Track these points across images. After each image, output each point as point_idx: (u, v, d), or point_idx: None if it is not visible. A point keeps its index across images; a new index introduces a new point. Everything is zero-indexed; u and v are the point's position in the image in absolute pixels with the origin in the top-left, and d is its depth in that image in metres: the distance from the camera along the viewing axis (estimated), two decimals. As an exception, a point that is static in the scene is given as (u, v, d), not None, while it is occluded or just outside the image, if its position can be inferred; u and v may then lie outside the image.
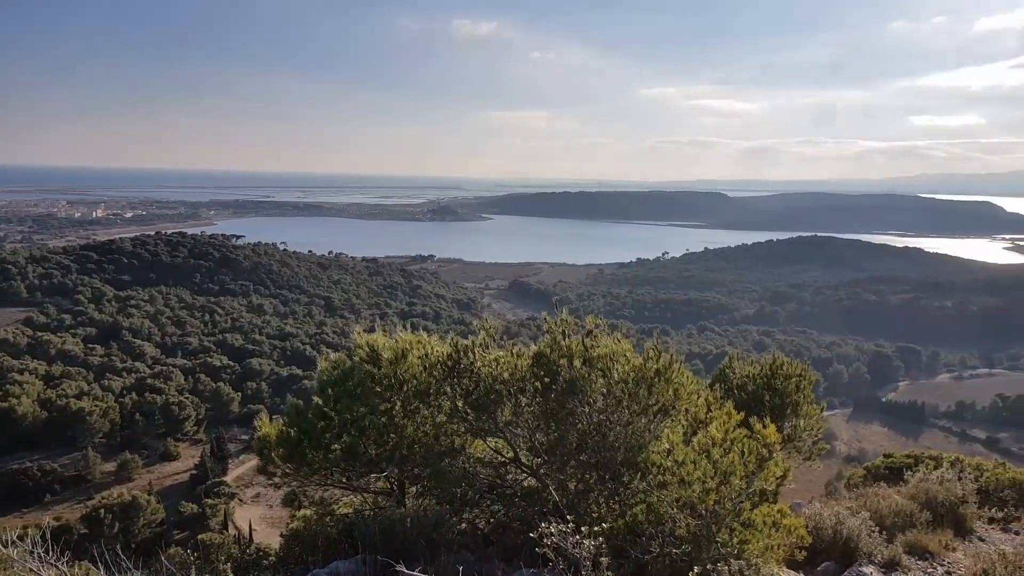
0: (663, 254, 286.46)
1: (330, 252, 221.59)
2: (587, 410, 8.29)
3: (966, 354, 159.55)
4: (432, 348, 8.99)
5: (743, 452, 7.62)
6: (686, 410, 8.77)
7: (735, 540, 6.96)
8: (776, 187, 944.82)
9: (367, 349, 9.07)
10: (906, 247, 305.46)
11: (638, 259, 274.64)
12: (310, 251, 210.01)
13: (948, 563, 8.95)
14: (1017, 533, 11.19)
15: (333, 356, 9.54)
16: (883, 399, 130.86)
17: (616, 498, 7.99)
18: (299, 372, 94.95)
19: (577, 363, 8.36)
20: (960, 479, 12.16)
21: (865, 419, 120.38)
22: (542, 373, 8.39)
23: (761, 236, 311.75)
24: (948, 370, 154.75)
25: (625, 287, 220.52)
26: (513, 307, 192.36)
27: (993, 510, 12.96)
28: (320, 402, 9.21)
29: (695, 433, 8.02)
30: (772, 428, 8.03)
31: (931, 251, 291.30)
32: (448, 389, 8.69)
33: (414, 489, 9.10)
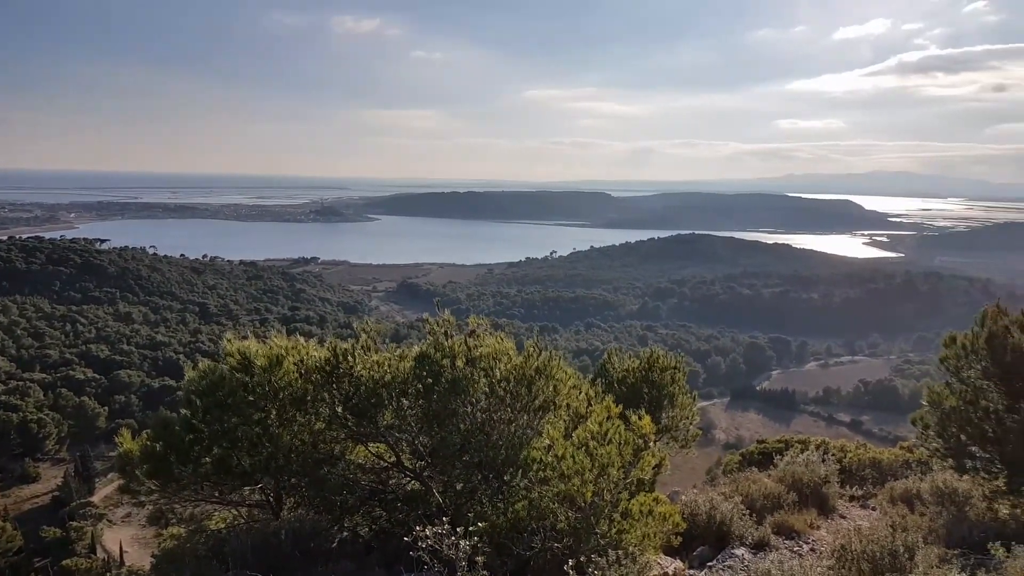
0: (551, 253, 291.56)
1: (205, 256, 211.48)
2: (470, 410, 8.28)
3: (831, 343, 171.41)
4: (309, 353, 8.71)
5: (620, 444, 7.83)
6: (567, 405, 8.93)
7: (613, 531, 7.14)
8: (656, 187, 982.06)
9: (238, 357, 8.67)
10: (776, 243, 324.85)
11: (527, 258, 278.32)
12: (182, 255, 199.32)
13: (812, 540, 9.53)
14: (874, 509, 12.03)
15: (202, 365, 9.05)
16: (758, 388, 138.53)
17: (500, 496, 8.01)
18: (173, 383, 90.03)
19: (460, 363, 8.33)
20: (824, 461, 12.99)
21: (742, 407, 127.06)
22: (425, 374, 8.31)
23: (643, 234, 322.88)
24: (815, 358, 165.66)
25: (515, 286, 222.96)
26: (402, 309, 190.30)
27: (854, 488, 13.93)
28: (188, 414, 8.73)
29: (576, 428, 8.17)
30: (647, 419, 8.29)
31: (799, 247, 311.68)
32: (327, 395, 8.45)
33: (291, 500, 8.79)
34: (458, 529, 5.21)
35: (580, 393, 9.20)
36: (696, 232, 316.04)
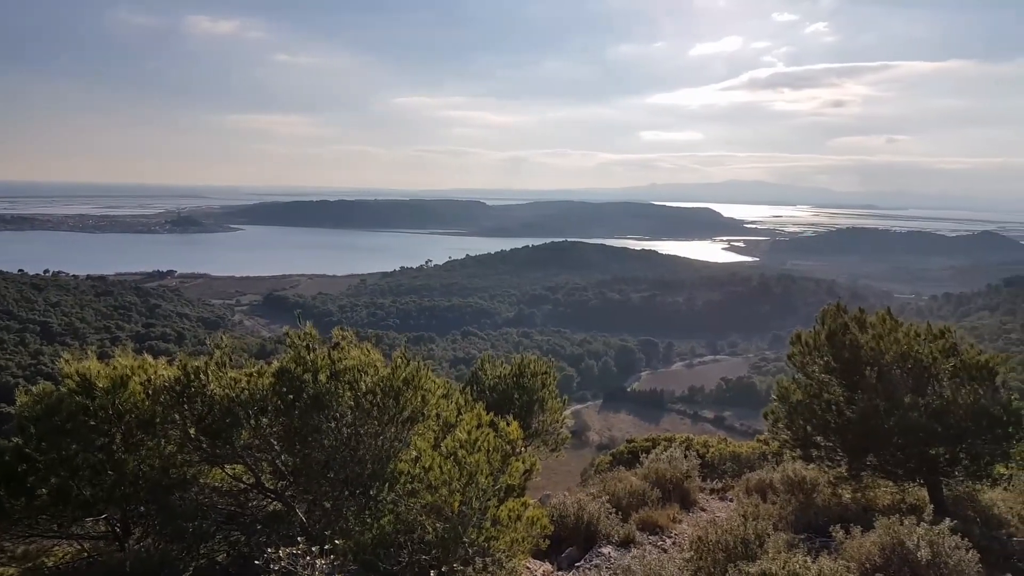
0: (427, 262, 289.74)
1: (46, 271, 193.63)
2: (335, 425, 8.03)
3: (695, 343, 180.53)
4: (157, 372, 8.15)
5: (489, 452, 7.84)
6: (437, 415, 8.85)
7: (482, 538, 7.12)
8: (530, 196, 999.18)
9: (78, 378, 8.00)
10: (644, 250, 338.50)
11: (401, 268, 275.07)
12: (21, 270, 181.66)
13: (675, 534, 9.94)
14: (731, 500, 12.69)
15: (36, 388, 8.28)
16: (629, 389, 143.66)
17: (367, 512, 7.81)
18: (11, 410, 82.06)
19: (323, 377, 8.07)
20: (686, 457, 13.58)
21: (614, 409, 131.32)
22: (285, 390, 7.99)
23: (518, 242, 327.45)
24: (681, 359, 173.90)
25: (389, 296, 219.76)
26: (268, 323, 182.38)
27: (714, 481, 14.65)
28: (20, 441, 7.96)
29: (446, 437, 8.11)
30: (515, 425, 8.35)
31: (664, 253, 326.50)
32: (177, 416, 7.94)
33: (140, 530, 8.19)
34: (314, 548, 5.01)
35: (450, 402, 9.14)
36: (569, 240, 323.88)
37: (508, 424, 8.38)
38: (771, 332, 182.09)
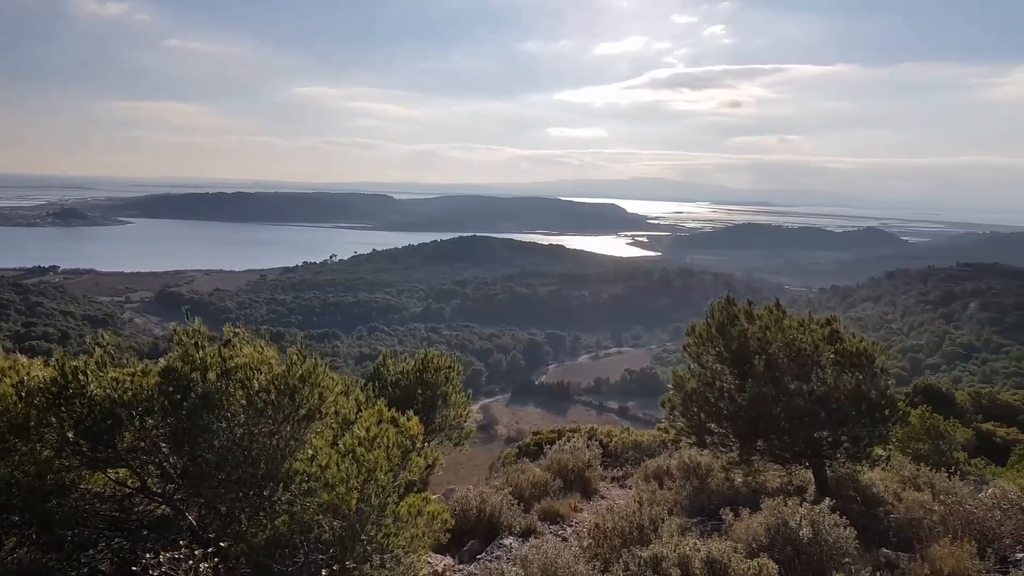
0: (331, 257, 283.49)
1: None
2: (226, 425, 7.75)
3: (601, 336, 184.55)
4: (31, 373, 7.64)
5: (388, 448, 7.76)
6: (336, 412, 8.67)
7: (381, 535, 7.04)
8: (437, 190, 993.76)
9: (-62, 382, 7.40)
10: (551, 244, 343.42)
11: (304, 263, 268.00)
12: None
13: (575, 523, 10.13)
14: (631, 488, 13.05)
15: None
16: (537, 382, 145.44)
17: (262, 513, 7.58)
18: None
19: (212, 376, 7.77)
20: (588, 447, 13.87)
21: (522, 402, 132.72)
22: (172, 390, 7.65)
23: (426, 236, 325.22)
24: (587, 351, 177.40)
25: (291, 292, 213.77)
26: (161, 321, 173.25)
27: (616, 470, 15.02)
28: None
29: (345, 435, 7.97)
30: (415, 420, 8.28)
31: (571, 247, 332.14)
32: (54, 419, 7.47)
33: (12, 540, 7.66)
34: (196, 552, 4.82)
35: (350, 399, 8.98)
36: (477, 234, 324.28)
37: (409, 420, 8.31)
38: (672, 324, 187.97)
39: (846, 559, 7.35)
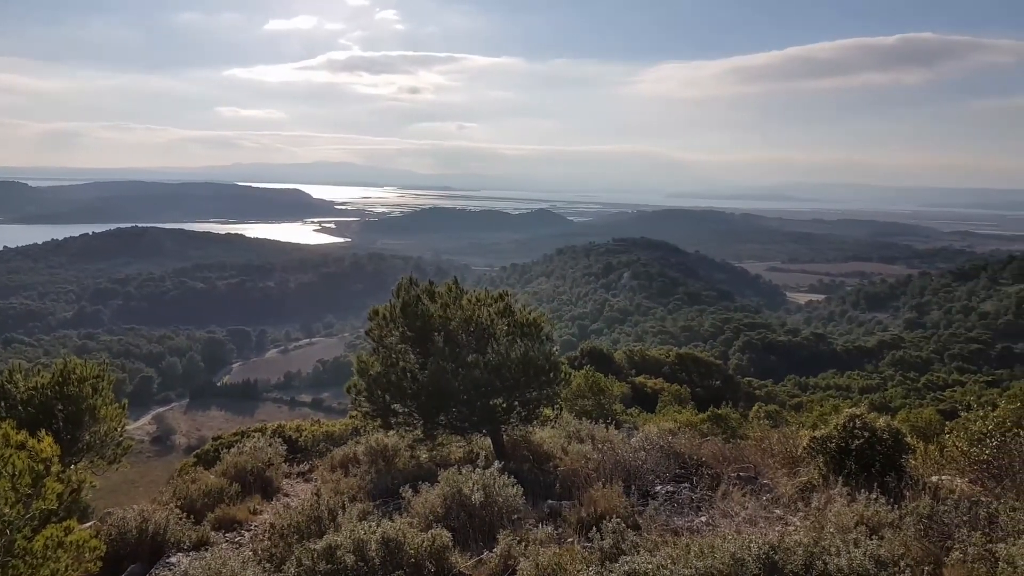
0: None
1: None
2: None
3: (290, 328, 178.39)
4: None
5: (14, 476, 6.55)
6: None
7: (8, 576, 5.91)
8: (87, 175, 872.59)
9: None
10: (229, 234, 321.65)
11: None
12: None
13: (254, 526, 9.47)
14: (314, 481, 12.61)
15: None
16: (219, 384, 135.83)
17: None
18: None
19: None
20: (271, 445, 13.12)
21: (203, 407, 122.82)
22: None
23: (75, 229, 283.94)
24: (275, 345, 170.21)
25: None
26: None
27: (302, 464, 14.45)
28: None
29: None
30: (48, 441, 7.08)
31: (252, 236, 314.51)
32: None
33: None
34: None
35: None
36: (139, 225, 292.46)
37: (40, 440, 7.07)
38: (365, 310, 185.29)
39: (515, 515, 7.84)
